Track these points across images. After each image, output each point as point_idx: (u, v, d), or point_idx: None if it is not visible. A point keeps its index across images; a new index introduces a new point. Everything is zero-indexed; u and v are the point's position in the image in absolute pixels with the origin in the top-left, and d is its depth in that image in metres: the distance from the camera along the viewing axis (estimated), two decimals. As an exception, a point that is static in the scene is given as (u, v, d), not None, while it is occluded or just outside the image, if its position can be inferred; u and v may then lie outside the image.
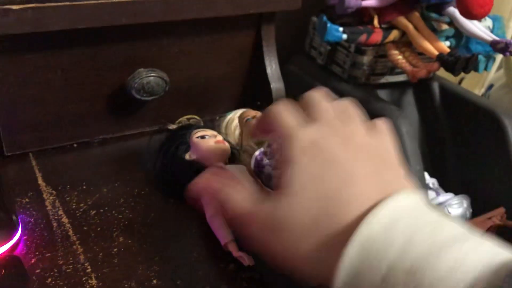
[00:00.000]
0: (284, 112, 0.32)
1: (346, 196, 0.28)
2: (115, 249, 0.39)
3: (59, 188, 0.45)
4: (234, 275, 0.37)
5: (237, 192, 0.31)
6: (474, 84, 1.27)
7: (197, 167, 0.44)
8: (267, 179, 0.41)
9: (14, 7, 0.41)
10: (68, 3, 0.43)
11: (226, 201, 0.31)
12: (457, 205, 0.89)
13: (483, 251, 0.24)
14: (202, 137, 0.46)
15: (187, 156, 0.44)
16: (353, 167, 0.29)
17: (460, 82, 1.26)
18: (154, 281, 0.36)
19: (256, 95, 0.61)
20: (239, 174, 0.37)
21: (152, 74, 0.51)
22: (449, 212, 0.87)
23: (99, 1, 0.44)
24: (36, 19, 0.43)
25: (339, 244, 0.26)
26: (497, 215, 0.84)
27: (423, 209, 0.27)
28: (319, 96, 0.33)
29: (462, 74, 0.93)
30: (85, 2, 0.44)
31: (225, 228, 0.38)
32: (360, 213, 0.27)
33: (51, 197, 0.44)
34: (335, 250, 0.26)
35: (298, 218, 0.28)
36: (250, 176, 0.39)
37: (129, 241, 0.40)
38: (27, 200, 0.43)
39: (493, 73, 1.26)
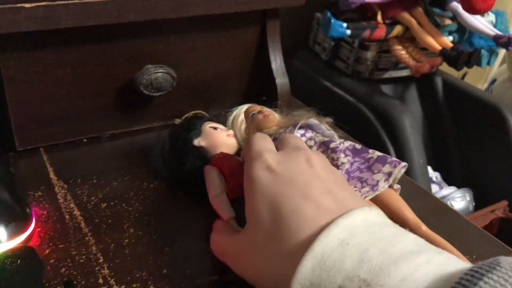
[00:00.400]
0: (259, 140, 0.36)
1: (303, 213, 0.29)
2: (126, 240, 0.40)
3: (70, 181, 0.46)
4: (242, 265, 0.38)
5: (220, 229, 0.37)
6: (477, 79, 1.28)
7: (203, 154, 0.45)
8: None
9: (26, 5, 0.42)
10: (78, 0, 0.44)
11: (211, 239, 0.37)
12: (460, 198, 0.90)
13: (434, 264, 0.24)
14: (215, 128, 0.47)
15: (195, 142, 0.45)
16: (312, 186, 0.31)
17: (463, 77, 1.27)
18: (165, 271, 0.37)
19: (262, 90, 0.62)
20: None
21: (160, 70, 0.52)
22: (452, 206, 0.88)
23: (108, -1, 0.46)
24: (47, 17, 0.44)
25: (296, 260, 0.27)
26: (500, 208, 0.85)
27: (378, 224, 0.28)
28: (294, 137, 0.38)
29: (465, 69, 0.94)
30: (95, 0, 0.45)
31: (227, 206, 0.39)
32: (317, 229, 0.28)
33: (62, 191, 0.45)
34: (292, 266, 0.27)
35: (257, 247, 0.31)
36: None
37: (140, 233, 0.41)
38: (39, 193, 0.44)
39: (496, 67, 1.27)
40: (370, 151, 0.44)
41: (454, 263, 0.25)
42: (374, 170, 0.42)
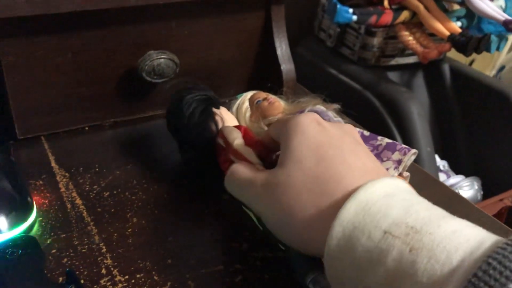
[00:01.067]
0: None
1: (349, 164, 0.30)
2: (129, 230, 0.39)
3: (72, 170, 0.46)
4: (247, 254, 0.37)
5: (242, 163, 0.36)
6: (485, 66, 1.26)
7: (215, 123, 0.44)
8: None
9: (25, -11, 0.41)
10: (78, -15, 0.43)
11: (233, 170, 0.36)
12: (468, 187, 0.89)
13: (478, 229, 0.25)
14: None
15: (215, 109, 0.44)
16: (357, 149, 0.32)
17: (471, 64, 1.25)
18: (169, 261, 0.36)
19: (267, 76, 0.61)
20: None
21: (162, 56, 0.51)
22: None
23: (109, -17, 0.44)
24: (46, 1, 0.42)
25: (336, 206, 0.27)
26: (508, 197, 0.84)
27: (415, 194, 0.29)
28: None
29: (473, 56, 0.92)
30: (95, -16, 0.44)
31: (255, 155, 0.38)
32: (363, 180, 0.28)
33: (64, 179, 0.44)
34: (331, 211, 0.28)
35: (296, 181, 0.30)
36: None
37: (143, 222, 0.40)
38: (41, 182, 0.44)
39: (505, 54, 1.25)
40: (379, 138, 0.43)
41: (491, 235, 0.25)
42: (383, 157, 0.41)
